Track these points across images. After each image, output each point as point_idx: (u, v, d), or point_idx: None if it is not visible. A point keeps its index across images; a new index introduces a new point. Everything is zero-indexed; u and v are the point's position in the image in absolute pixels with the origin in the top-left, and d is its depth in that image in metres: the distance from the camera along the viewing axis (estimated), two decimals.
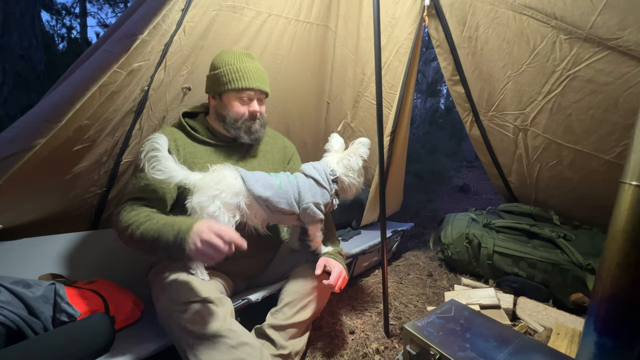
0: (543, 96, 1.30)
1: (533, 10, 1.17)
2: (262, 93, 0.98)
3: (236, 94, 0.93)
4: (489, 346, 0.81)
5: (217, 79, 0.93)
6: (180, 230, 0.72)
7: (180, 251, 0.71)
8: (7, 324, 0.70)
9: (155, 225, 0.76)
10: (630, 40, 1.03)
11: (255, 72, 0.94)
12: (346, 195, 1.00)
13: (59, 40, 4.43)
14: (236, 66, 0.92)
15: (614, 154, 1.25)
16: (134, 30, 0.90)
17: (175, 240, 0.71)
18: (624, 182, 0.53)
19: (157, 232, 0.75)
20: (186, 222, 0.74)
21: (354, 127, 1.88)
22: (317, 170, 0.95)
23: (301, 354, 0.93)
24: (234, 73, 0.91)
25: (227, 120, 0.95)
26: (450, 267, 1.67)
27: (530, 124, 1.41)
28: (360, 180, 0.98)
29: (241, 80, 0.91)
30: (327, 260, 0.95)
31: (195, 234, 0.69)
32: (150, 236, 0.75)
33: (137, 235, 0.76)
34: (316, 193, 0.92)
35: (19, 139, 0.83)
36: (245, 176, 0.87)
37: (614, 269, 0.53)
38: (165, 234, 0.73)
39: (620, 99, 1.13)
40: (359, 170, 0.97)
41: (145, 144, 0.79)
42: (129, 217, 0.79)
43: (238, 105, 0.94)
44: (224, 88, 0.92)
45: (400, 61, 1.50)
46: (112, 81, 0.91)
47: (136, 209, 0.81)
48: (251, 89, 0.93)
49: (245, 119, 0.95)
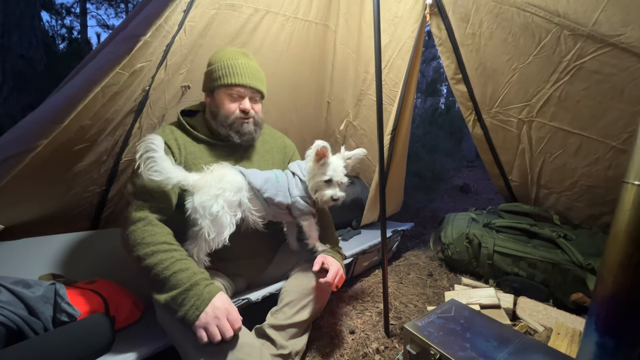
0: (551, 84, 1.30)
1: (536, 8, 1.17)
2: (255, 92, 0.96)
3: (226, 90, 0.92)
4: (489, 346, 0.81)
5: (210, 76, 0.94)
6: (200, 294, 0.70)
7: (181, 309, 0.69)
8: (7, 324, 0.70)
9: (170, 267, 0.72)
10: (633, 37, 1.03)
11: (248, 69, 0.93)
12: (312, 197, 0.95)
13: (59, 40, 4.43)
14: (228, 62, 0.91)
15: (620, 140, 1.26)
16: (137, 32, 0.90)
17: (183, 297, 0.70)
18: (627, 182, 0.52)
19: (166, 276, 0.71)
20: (206, 287, 0.72)
21: (357, 125, 1.87)
22: (300, 167, 0.98)
23: (301, 354, 0.93)
24: (225, 69, 0.90)
25: (218, 117, 0.94)
26: (451, 267, 1.67)
27: (536, 115, 1.42)
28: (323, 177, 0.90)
29: (231, 76, 0.90)
30: (325, 258, 0.95)
31: (214, 306, 0.70)
32: (157, 271, 0.72)
33: (143, 264, 0.73)
34: (301, 187, 0.95)
35: (22, 140, 0.83)
36: (244, 171, 0.89)
37: (615, 269, 0.53)
38: (177, 283, 0.71)
39: (626, 88, 1.15)
40: (313, 165, 0.91)
41: (140, 145, 0.77)
42: (143, 234, 0.75)
43: (228, 102, 0.93)
44: (215, 84, 0.92)
45: (403, 59, 1.50)
46: (114, 82, 0.91)
47: (153, 223, 0.78)
48: (241, 85, 0.91)
49: (236, 117, 0.93)
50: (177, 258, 0.75)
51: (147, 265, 0.73)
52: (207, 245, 0.83)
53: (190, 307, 0.69)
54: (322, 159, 0.90)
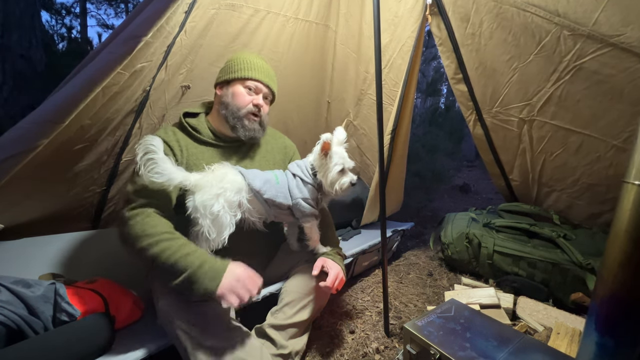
0: (552, 83, 1.30)
1: (536, 7, 1.17)
2: (269, 92, 1.00)
3: (243, 82, 0.95)
4: (489, 345, 0.81)
5: (227, 68, 0.96)
6: (214, 267, 0.72)
7: (198, 285, 0.70)
8: (7, 324, 0.70)
9: (177, 251, 0.73)
10: (633, 37, 1.03)
11: (265, 69, 0.98)
12: (331, 190, 0.95)
13: (59, 40, 4.43)
14: (247, 58, 0.96)
15: (621, 139, 1.26)
16: (138, 33, 0.90)
17: (198, 274, 0.70)
18: (628, 182, 0.52)
19: (175, 259, 0.71)
20: (217, 260, 0.74)
21: (357, 125, 1.88)
22: (300, 167, 0.98)
23: (301, 354, 0.93)
24: (244, 63, 0.95)
25: (229, 107, 0.94)
26: (451, 267, 1.67)
27: (537, 114, 1.42)
28: (335, 168, 0.92)
29: (250, 70, 0.94)
30: (325, 261, 0.95)
31: (232, 271, 0.71)
32: (164, 259, 0.72)
33: (148, 254, 0.72)
34: (303, 189, 0.94)
35: (23, 139, 0.83)
36: (244, 172, 0.89)
37: (615, 268, 0.53)
38: (188, 265, 0.71)
39: (626, 89, 1.15)
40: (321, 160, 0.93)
41: (138, 147, 0.76)
42: (143, 226, 0.75)
43: (244, 93, 0.95)
44: (232, 75, 0.94)
45: (403, 59, 1.50)
46: (115, 82, 0.92)
47: (152, 216, 0.78)
48: (258, 80, 0.96)
49: (248, 110, 0.95)
50: (182, 243, 0.75)
51: (153, 254, 0.72)
52: (207, 245, 0.83)
53: (208, 279, 0.70)
54: (327, 151, 0.92)
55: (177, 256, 0.72)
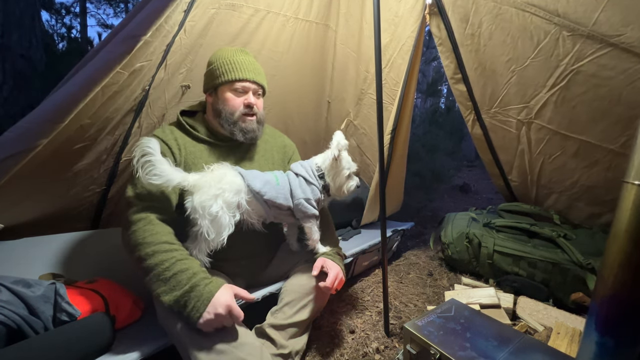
0: (548, 89, 1.30)
1: (536, 8, 1.17)
2: (258, 87, 0.97)
3: (230, 85, 0.93)
4: (489, 345, 0.81)
5: (212, 74, 0.94)
6: (200, 296, 0.70)
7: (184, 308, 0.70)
8: (7, 324, 0.70)
9: (171, 268, 0.72)
10: (633, 37, 1.03)
11: (249, 64, 0.94)
12: (339, 192, 1.00)
13: (59, 39, 4.43)
14: (229, 59, 0.93)
15: (618, 144, 1.26)
16: (137, 32, 0.90)
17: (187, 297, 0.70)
18: (627, 182, 0.52)
19: (167, 276, 0.72)
20: (207, 287, 0.72)
21: (357, 124, 1.87)
22: (304, 167, 0.98)
23: (301, 354, 0.93)
24: (227, 65, 0.92)
25: (222, 114, 0.94)
26: (451, 267, 1.67)
27: (534, 117, 1.42)
28: (344, 173, 0.97)
29: (234, 71, 0.92)
30: (325, 261, 0.95)
31: (215, 306, 0.70)
32: (157, 272, 0.72)
33: (145, 264, 0.73)
34: (306, 189, 0.94)
35: (22, 139, 0.83)
36: (243, 173, 0.89)
37: (615, 268, 0.53)
38: (178, 285, 0.71)
39: (624, 92, 1.14)
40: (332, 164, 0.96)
41: (135, 149, 0.76)
42: (143, 234, 0.75)
43: (233, 97, 0.93)
44: (218, 81, 0.93)
45: (403, 59, 1.50)
46: (114, 82, 0.91)
47: (153, 222, 0.78)
48: (245, 79, 0.93)
49: (241, 113, 0.94)
50: (177, 258, 0.75)
51: (148, 266, 0.73)
52: (207, 245, 0.83)
53: (192, 308, 0.70)
54: (339, 156, 0.95)
55: (170, 273, 0.72)
